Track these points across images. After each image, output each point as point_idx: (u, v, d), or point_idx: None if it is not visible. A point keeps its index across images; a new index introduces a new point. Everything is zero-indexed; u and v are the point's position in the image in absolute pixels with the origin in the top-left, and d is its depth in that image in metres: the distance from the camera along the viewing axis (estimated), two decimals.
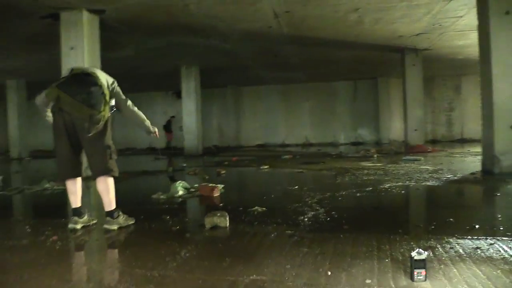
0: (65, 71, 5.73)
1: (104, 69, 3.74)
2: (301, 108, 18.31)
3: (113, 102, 3.25)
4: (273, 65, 13.34)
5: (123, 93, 3.33)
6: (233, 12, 7.47)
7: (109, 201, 3.16)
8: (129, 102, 3.33)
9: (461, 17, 7.97)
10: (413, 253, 1.88)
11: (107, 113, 3.12)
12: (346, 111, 17.84)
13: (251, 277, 2.00)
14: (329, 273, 2.03)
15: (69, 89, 2.98)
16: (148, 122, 3.44)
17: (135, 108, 3.36)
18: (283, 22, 8.15)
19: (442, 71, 15.48)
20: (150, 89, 18.57)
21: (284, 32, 8.86)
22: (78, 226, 3.17)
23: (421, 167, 6.81)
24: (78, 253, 2.75)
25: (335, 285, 1.87)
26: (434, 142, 15.63)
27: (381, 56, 11.89)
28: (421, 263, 1.86)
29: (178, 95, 15.42)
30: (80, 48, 6.75)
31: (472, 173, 5.79)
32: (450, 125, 17.19)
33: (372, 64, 13.58)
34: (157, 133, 3.53)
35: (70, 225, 3.17)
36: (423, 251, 1.88)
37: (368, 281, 1.90)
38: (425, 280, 1.86)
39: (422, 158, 8.21)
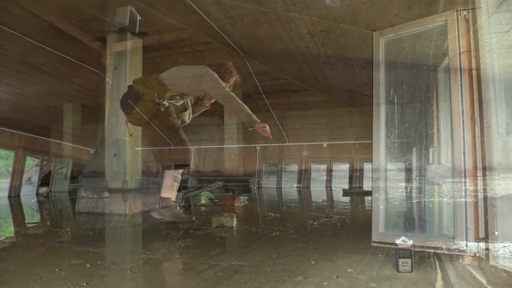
0: (109, 88, 6.25)
1: None
2: (346, 133, 17.98)
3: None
4: (316, 88, 13.33)
5: None
6: (269, 32, 7.63)
7: None
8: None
9: (507, 32, 7.57)
10: (398, 241, 1.75)
11: None
12: (393, 136, 17.24)
13: (232, 263, 1.97)
14: (313, 262, 1.95)
15: None
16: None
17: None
18: (318, 42, 8.19)
19: (498, 93, 14.60)
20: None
21: (321, 52, 8.89)
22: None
23: (462, 187, 6.37)
24: (78, 239, 2.85)
25: (313, 272, 1.78)
26: (488, 169, 14.59)
27: (425, 77, 11.50)
28: (406, 252, 1.74)
29: None
30: (123, 68, 7.19)
31: None
32: (507, 151, 16.01)
33: (418, 87, 13.13)
34: (267, 130, 2.74)
35: None
36: (408, 239, 1.75)
37: (350, 269, 1.80)
38: (412, 270, 1.73)
39: (466, 180, 7.68)
